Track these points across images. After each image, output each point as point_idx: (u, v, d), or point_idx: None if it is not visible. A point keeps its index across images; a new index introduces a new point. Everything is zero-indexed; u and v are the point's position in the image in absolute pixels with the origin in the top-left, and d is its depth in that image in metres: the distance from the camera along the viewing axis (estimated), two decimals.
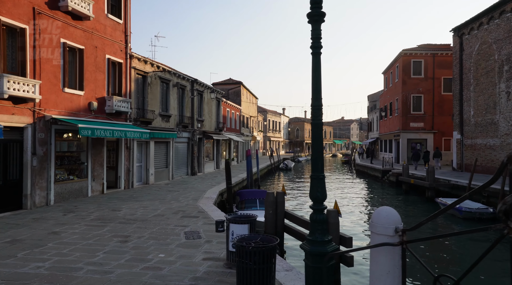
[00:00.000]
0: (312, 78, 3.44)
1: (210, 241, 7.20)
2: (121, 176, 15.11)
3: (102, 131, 11.87)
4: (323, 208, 3.39)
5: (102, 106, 13.86)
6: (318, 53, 3.42)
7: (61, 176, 12.14)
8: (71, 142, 12.76)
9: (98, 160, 13.68)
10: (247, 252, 4.09)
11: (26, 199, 10.61)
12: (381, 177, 28.66)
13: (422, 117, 31.55)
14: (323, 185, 3.40)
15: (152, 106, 17.21)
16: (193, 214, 10.00)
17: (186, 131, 21.03)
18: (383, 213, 2.97)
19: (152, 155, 17.30)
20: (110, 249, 6.56)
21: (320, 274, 3.19)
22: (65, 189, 12.07)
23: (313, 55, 3.45)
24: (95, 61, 13.45)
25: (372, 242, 3.01)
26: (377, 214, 3.02)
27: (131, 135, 13.48)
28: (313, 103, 3.43)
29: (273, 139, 63.35)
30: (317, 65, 3.41)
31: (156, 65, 17.43)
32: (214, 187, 16.51)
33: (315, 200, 3.40)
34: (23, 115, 10.45)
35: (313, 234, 3.35)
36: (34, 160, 10.80)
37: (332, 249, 3.29)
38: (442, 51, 31.27)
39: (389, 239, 2.90)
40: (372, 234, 3.04)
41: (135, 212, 10.25)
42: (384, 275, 2.93)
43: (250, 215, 5.85)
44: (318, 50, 3.42)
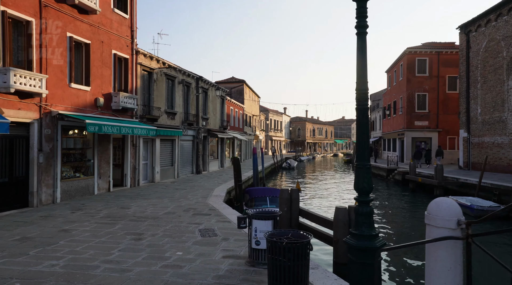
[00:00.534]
0: (357, 60, 3.21)
1: (227, 238, 6.95)
2: (127, 174, 14.85)
3: (110, 127, 11.62)
4: (370, 200, 3.15)
5: (109, 103, 13.60)
6: (363, 33, 3.18)
7: (67, 173, 11.88)
8: (77, 139, 12.50)
9: (105, 157, 13.43)
10: (281, 248, 3.85)
11: (32, 197, 10.35)
12: (386, 175, 28.45)
13: (427, 115, 31.34)
14: (369, 175, 3.16)
15: (157, 103, 16.96)
16: (204, 212, 9.76)
17: (191, 129, 20.78)
18: (444, 205, 2.73)
19: (158, 152, 17.04)
20: (125, 247, 6.31)
21: (370, 271, 2.96)
22: (71, 187, 11.81)
23: (358, 36, 3.21)
24: (101, 56, 13.20)
25: (429, 236, 2.77)
26: (435, 205, 2.78)
27: (138, 132, 13.23)
28: (358, 87, 3.20)
29: (275, 139, 63.12)
30: (363, 46, 3.17)
31: (162, 61, 17.18)
32: (221, 185, 16.26)
33: (361, 191, 3.16)
34: (29, 110, 10.19)
35: (360, 227, 3.11)
36: (41, 157, 10.55)
37: (381, 244, 3.05)
38: (446, 49, 31.07)
39: (451, 232, 2.66)
40: (429, 227, 2.80)
41: (144, 210, 10.00)
42: (444, 272, 2.69)
43: (273, 211, 5.61)
44: (364, 29, 3.18)
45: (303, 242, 3.85)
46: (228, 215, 9.37)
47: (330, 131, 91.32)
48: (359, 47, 3.18)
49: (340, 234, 6.52)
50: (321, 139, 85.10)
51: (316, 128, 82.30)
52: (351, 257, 3.11)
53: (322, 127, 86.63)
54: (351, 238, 3.16)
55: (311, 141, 78.89)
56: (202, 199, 12.03)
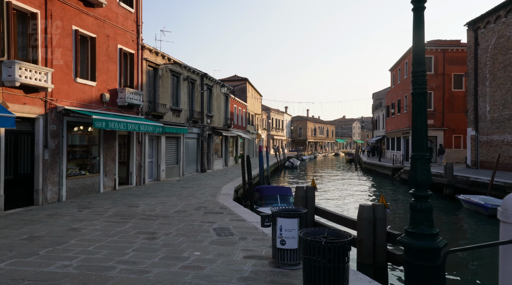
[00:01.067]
0: (414, 38, 2.89)
1: (244, 238, 6.63)
2: (132, 172, 14.52)
3: (116, 123, 11.29)
4: (428, 195, 2.83)
5: (114, 99, 13.27)
6: (420, 8, 2.86)
7: (72, 170, 11.55)
8: (82, 135, 12.17)
9: (110, 155, 13.09)
10: (319, 248, 3.53)
11: (38, 195, 10.02)
12: (392, 174, 28.16)
13: (432, 114, 31.01)
14: (428, 167, 2.83)
15: (163, 100, 16.63)
16: (216, 210, 9.44)
17: (196, 127, 20.45)
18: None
19: (164, 150, 16.71)
20: (139, 247, 5.99)
21: (434, 275, 2.63)
22: (77, 184, 11.48)
23: (415, 11, 2.89)
24: (107, 51, 12.86)
25: (508, 235, 2.45)
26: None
27: (144, 129, 12.89)
28: (414, 69, 2.88)
29: (276, 138, 62.80)
30: (420, 23, 2.85)
31: (167, 57, 16.84)
32: (228, 183, 15.94)
33: (419, 185, 2.84)
34: (34, 105, 9.86)
35: (418, 225, 2.79)
36: (46, 153, 10.21)
37: (443, 243, 2.73)
38: (452, 47, 30.76)
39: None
40: (505, 225, 2.48)
41: (154, 208, 9.67)
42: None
43: (298, 209, 5.30)
44: (421, 4, 2.86)
45: (344, 242, 3.53)
46: (241, 213, 9.05)
47: (331, 130, 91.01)
48: (416, 24, 2.87)
49: (364, 233, 6.21)
50: (322, 139, 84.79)
51: (317, 128, 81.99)
52: (408, 259, 2.79)
53: (323, 127, 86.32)
54: (407, 237, 2.84)
55: (312, 140, 78.58)
56: (211, 197, 11.71)
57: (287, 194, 12.43)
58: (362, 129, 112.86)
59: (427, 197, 2.81)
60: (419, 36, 2.86)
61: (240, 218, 8.47)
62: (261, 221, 5.33)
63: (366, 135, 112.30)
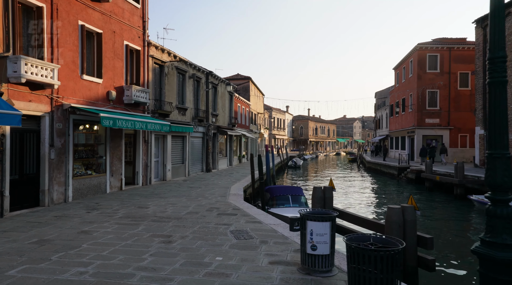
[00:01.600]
0: (490, 20, 2.53)
1: (265, 241, 6.29)
2: (139, 172, 14.17)
3: (124, 122, 10.94)
4: (509, 199, 2.48)
5: (120, 96, 12.91)
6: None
7: (78, 170, 11.19)
8: (88, 134, 11.81)
9: (117, 154, 12.74)
10: (370, 257, 3.20)
11: (44, 195, 9.67)
12: (397, 174, 27.84)
13: (438, 113, 30.72)
14: (509, 167, 2.49)
15: (169, 98, 16.27)
16: (229, 211, 9.09)
17: (201, 126, 20.10)
18: None
19: (170, 149, 16.36)
20: (156, 251, 5.64)
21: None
22: (83, 185, 11.13)
23: None
24: (113, 47, 12.50)
25: None
26: None
27: (151, 128, 12.54)
28: (493, 55, 2.53)
29: (278, 137, 62.48)
30: (499, 3, 2.50)
31: (173, 54, 16.48)
32: (236, 183, 15.60)
33: (499, 187, 2.49)
34: (40, 103, 9.50)
35: (499, 234, 2.45)
36: (52, 152, 9.86)
37: None
38: (458, 45, 30.44)
39: None
40: None
41: (164, 210, 9.32)
42: None
43: (328, 211, 4.96)
44: None
45: (398, 250, 3.19)
46: (255, 214, 8.71)
47: (332, 130, 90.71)
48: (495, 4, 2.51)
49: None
50: (323, 138, 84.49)
51: (318, 127, 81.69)
52: (485, 273, 2.45)
53: (325, 126, 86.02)
54: (484, 247, 2.49)
55: (313, 140, 78.27)
56: (222, 198, 11.37)
57: (298, 194, 12.10)
58: (363, 128, 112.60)
59: (507, 201, 2.47)
60: (498, 19, 2.51)
61: (256, 219, 8.13)
62: (290, 225, 5.00)
63: (367, 134, 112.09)
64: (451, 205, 16.79)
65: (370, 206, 17.33)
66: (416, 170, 24.54)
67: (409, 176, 25.61)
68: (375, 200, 19.07)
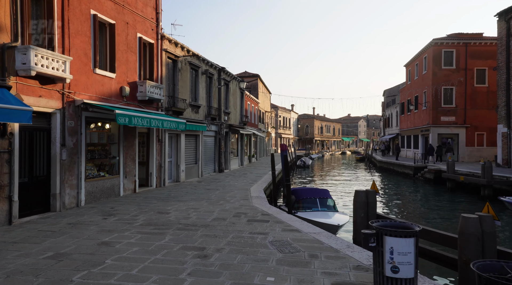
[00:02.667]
0: None
1: (314, 255, 5.45)
2: (152, 173, 13.34)
3: (139, 119, 10.12)
4: None
5: (134, 92, 12.09)
6: None
7: (91, 172, 10.38)
8: (101, 133, 11.00)
9: (130, 154, 11.92)
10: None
11: (55, 199, 8.86)
12: (413, 174, 26.94)
13: (454, 110, 29.78)
14: None
15: (182, 94, 15.44)
16: (258, 217, 8.26)
17: (214, 124, 19.26)
18: None
19: (183, 149, 15.54)
20: (194, 269, 4.82)
21: None
22: (96, 187, 10.32)
23: None
24: (126, 39, 11.68)
25: None
26: None
27: (167, 126, 11.72)
28: None
29: (284, 136, 61.60)
30: None
31: (186, 49, 15.64)
32: (253, 185, 14.77)
33: None
34: (51, 98, 8.68)
35: None
36: (64, 153, 9.05)
37: None
38: (475, 40, 29.47)
39: None
40: None
41: (187, 215, 8.50)
42: None
43: (409, 224, 4.11)
44: None
45: None
46: (289, 221, 7.88)
47: (337, 128, 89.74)
48: None
49: (471, 253, 5.01)
50: (328, 137, 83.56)
51: (324, 126, 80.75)
52: None
53: (330, 125, 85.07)
54: None
55: (319, 139, 77.36)
56: (245, 201, 10.54)
57: (326, 197, 11.26)
58: (368, 127, 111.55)
59: None
60: None
61: (293, 227, 7.30)
62: (363, 241, 4.13)
63: (372, 133, 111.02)
64: (478, 206, 15.89)
65: (403, 211, 16.46)
66: (435, 169, 23.64)
67: (426, 176, 24.71)
68: (400, 203, 18.19)
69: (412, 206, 16.89)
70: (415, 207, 16.69)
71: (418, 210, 15.81)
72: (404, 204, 17.46)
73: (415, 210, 15.89)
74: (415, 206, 16.95)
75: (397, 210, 16.04)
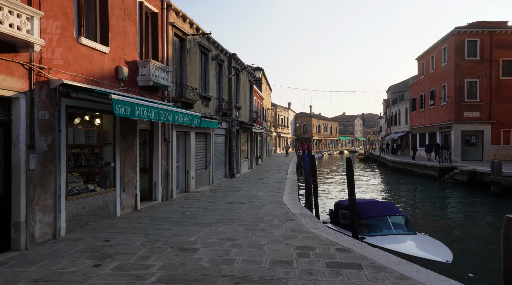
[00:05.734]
0: None
1: None
2: (157, 182, 10.26)
3: (145, 110, 7.06)
4: None
5: (134, 75, 9.01)
6: None
7: (75, 185, 7.28)
8: (90, 131, 7.89)
9: (130, 159, 8.83)
10: None
11: (18, 231, 5.75)
12: (438, 175, 24.37)
13: (478, 105, 27.36)
14: None
15: (191, 82, 12.37)
16: (343, 259, 5.31)
17: (225, 121, 16.22)
18: None
19: (193, 151, 12.48)
20: None
21: None
22: (83, 208, 7.21)
23: None
24: (123, 3, 8.58)
25: None
26: None
27: (180, 120, 8.68)
28: None
29: (283, 136, 58.84)
30: None
31: (196, 26, 12.57)
32: (282, 193, 11.84)
33: None
34: (10, 74, 5.58)
35: None
36: (32, 160, 5.94)
37: None
38: (501, 28, 27.12)
39: None
40: None
41: (226, 255, 5.48)
42: None
43: None
44: None
45: None
46: (389, 264, 4.98)
47: (335, 127, 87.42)
48: None
49: None
50: (326, 136, 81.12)
51: (321, 125, 78.26)
52: None
53: (327, 124, 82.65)
54: None
55: (317, 138, 74.81)
56: (291, 223, 7.58)
57: (396, 213, 8.39)
58: (364, 126, 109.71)
59: None
60: None
61: (405, 276, 4.38)
62: None
63: (368, 132, 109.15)
64: None
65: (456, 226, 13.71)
66: (468, 170, 21.08)
67: (457, 178, 22.12)
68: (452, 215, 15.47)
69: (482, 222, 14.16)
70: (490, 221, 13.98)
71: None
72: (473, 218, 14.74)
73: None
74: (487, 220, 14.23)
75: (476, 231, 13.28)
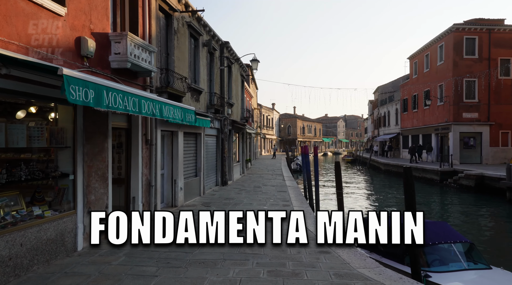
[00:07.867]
0: None
1: None
2: (136, 198, 7.79)
3: (120, 97, 4.68)
4: None
5: (104, 53, 6.55)
6: None
7: (9, 209, 4.79)
8: (36, 128, 5.39)
9: (98, 168, 6.35)
10: None
11: None
12: (440, 179, 22.92)
13: (477, 106, 26.25)
14: None
15: (179, 70, 9.96)
16: None
17: (217, 119, 13.85)
18: None
19: (181, 155, 10.06)
20: None
21: None
22: (21, 245, 4.71)
23: None
24: None
25: None
26: None
27: (169, 115, 6.32)
28: None
29: (268, 137, 56.83)
30: None
31: (185, 1, 10.18)
32: (288, 207, 9.63)
33: None
34: None
35: None
36: None
37: None
38: (500, 26, 26.14)
39: None
40: None
41: None
42: None
43: None
44: None
45: None
46: None
47: (318, 129, 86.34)
48: None
49: None
50: (310, 138, 79.79)
51: (305, 126, 76.89)
52: None
53: (311, 125, 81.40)
54: None
55: (301, 139, 73.29)
56: (329, 258, 5.38)
57: (461, 240, 6.33)
58: (346, 128, 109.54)
59: None
60: None
61: None
62: None
63: (350, 134, 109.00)
64: None
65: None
66: (475, 175, 19.66)
67: (462, 183, 20.67)
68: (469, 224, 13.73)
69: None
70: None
71: None
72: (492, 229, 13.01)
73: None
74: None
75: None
